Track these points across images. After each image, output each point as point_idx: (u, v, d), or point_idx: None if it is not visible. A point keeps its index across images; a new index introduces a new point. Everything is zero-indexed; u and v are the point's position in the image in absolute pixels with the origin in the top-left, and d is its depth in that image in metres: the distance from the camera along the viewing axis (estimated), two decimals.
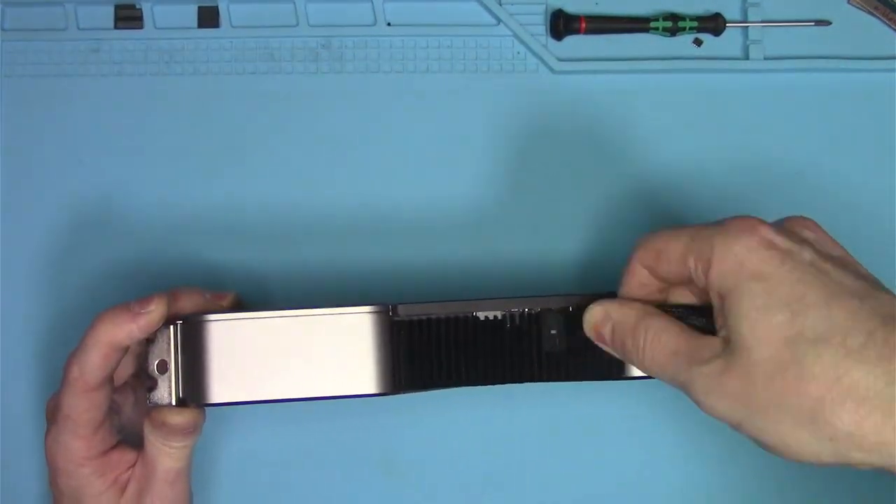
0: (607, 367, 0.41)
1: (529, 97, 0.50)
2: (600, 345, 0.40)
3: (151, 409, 0.41)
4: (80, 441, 0.40)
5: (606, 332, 0.39)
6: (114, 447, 0.42)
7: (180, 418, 0.40)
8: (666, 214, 0.49)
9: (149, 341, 0.41)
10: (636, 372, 0.40)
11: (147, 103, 0.50)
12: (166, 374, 0.40)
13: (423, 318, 0.40)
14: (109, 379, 0.41)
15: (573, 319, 0.40)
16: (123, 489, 0.42)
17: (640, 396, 0.48)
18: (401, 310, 0.40)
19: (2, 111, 0.50)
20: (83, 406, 0.40)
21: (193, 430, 0.41)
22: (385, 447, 0.48)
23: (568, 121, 0.50)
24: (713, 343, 0.35)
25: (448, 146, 0.50)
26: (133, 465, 0.42)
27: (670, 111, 0.50)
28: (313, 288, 0.49)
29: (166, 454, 0.41)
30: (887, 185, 0.50)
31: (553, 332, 0.41)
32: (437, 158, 0.50)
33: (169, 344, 0.40)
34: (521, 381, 0.41)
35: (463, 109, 0.50)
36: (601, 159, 0.50)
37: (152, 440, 0.41)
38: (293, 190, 0.50)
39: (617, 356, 0.39)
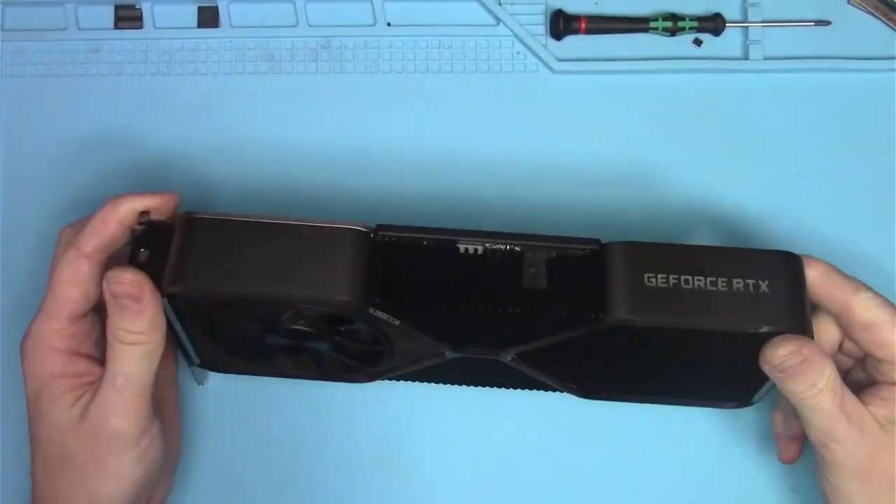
0: (586, 310, 0.38)
1: (529, 97, 0.51)
2: (771, 372, 0.39)
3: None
4: (53, 324, 0.39)
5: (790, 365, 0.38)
6: (86, 355, 0.40)
7: (129, 275, 0.38)
8: (666, 214, 0.49)
9: (135, 238, 0.40)
10: (619, 314, 0.38)
11: (147, 103, 0.50)
12: (144, 261, 0.39)
13: (403, 240, 0.39)
14: (103, 265, 0.39)
15: (555, 262, 0.39)
16: (78, 399, 0.39)
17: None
18: (382, 231, 0.39)
19: (2, 111, 0.50)
20: (66, 276, 0.39)
21: (144, 301, 0.38)
22: (383, 445, 0.48)
23: (568, 121, 0.50)
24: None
25: (448, 146, 0.50)
26: (95, 381, 0.40)
27: (670, 111, 0.50)
28: None
29: (118, 351, 0.39)
30: (887, 185, 0.50)
31: (532, 270, 0.39)
32: (437, 158, 0.50)
33: (158, 238, 0.39)
34: (498, 317, 0.39)
35: (463, 109, 0.50)
36: (601, 159, 0.50)
37: (110, 335, 0.39)
38: (293, 189, 0.50)
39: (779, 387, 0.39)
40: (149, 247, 0.39)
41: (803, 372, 0.38)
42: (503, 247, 0.39)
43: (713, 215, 0.49)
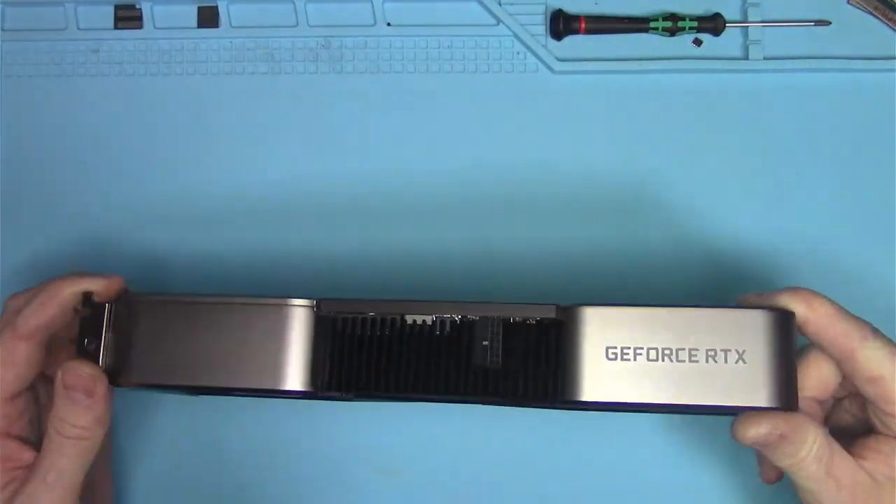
0: (542, 391, 0.36)
1: (529, 97, 0.50)
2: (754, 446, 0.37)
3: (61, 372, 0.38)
4: None
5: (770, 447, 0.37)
6: (17, 436, 0.39)
7: (88, 369, 0.38)
8: (665, 214, 0.49)
9: (82, 323, 0.39)
10: (578, 397, 0.36)
11: (147, 103, 0.50)
12: (93, 349, 0.39)
13: (348, 315, 0.38)
14: (41, 345, 0.39)
15: (508, 332, 0.37)
16: (3, 488, 0.38)
17: None
18: (324, 306, 0.38)
19: (2, 111, 0.50)
20: (1, 358, 0.38)
21: (96, 397, 0.38)
22: (380, 449, 0.48)
23: (567, 121, 0.50)
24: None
25: (448, 146, 0.50)
26: (25, 467, 0.39)
27: (670, 111, 0.50)
28: (314, 287, 0.49)
29: (57, 444, 0.38)
30: (887, 186, 0.50)
31: (485, 343, 0.37)
32: (436, 158, 0.50)
33: (101, 321, 0.39)
34: (448, 397, 0.37)
35: (463, 109, 0.50)
36: (601, 159, 0.50)
37: (50, 426, 0.38)
38: (293, 190, 0.50)
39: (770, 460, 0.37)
40: (93, 333, 0.39)
41: (782, 447, 0.36)
42: (453, 317, 0.38)
43: (713, 215, 0.49)
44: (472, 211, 0.49)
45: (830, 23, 0.51)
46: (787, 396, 0.35)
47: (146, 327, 0.39)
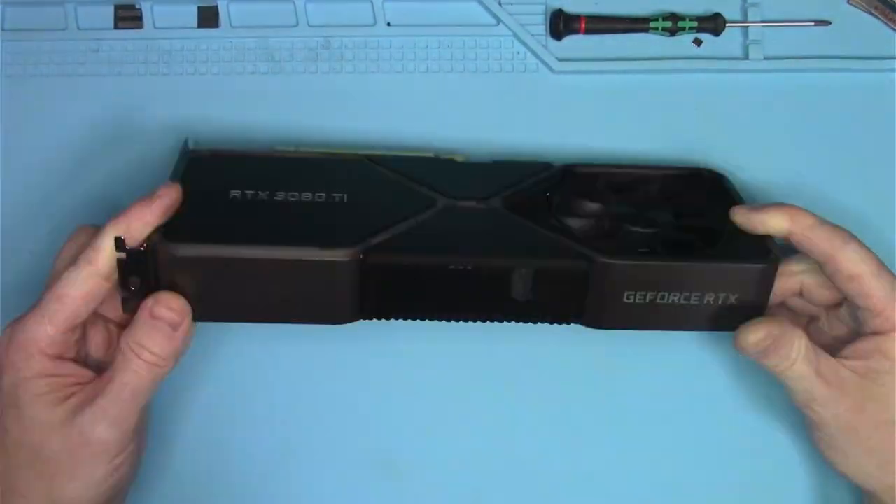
0: (565, 318, 0.43)
1: (529, 97, 0.50)
2: (746, 354, 0.43)
3: (142, 304, 0.40)
4: (49, 329, 0.39)
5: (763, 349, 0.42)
6: (72, 358, 0.40)
7: (178, 303, 0.40)
8: None
9: (126, 266, 0.39)
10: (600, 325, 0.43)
11: (147, 103, 0.50)
12: (144, 290, 0.40)
13: (393, 264, 0.41)
14: (107, 280, 0.39)
15: (541, 278, 0.41)
16: (63, 400, 0.39)
17: (642, 393, 0.49)
18: (371, 257, 0.40)
19: (2, 111, 0.50)
20: (81, 292, 0.39)
21: (179, 331, 0.40)
22: (383, 447, 0.48)
23: (568, 121, 0.50)
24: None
25: (448, 146, 0.50)
26: (81, 384, 0.40)
27: (670, 111, 0.50)
28: None
29: (136, 365, 0.39)
30: (887, 185, 0.50)
31: (520, 286, 0.41)
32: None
33: (147, 264, 0.40)
34: (488, 319, 0.43)
35: (463, 109, 0.50)
36: (601, 159, 0.50)
37: (126, 346, 0.39)
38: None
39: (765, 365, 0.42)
40: (137, 273, 0.40)
41: (775, 349, 0.41)
42: (494, 263, 0.42)
43: None
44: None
45: (830, 23, 0.51)
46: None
47: (195, 276, 0.40)
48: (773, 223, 0.42)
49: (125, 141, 0.50)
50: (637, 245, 0.43)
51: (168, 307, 0.40)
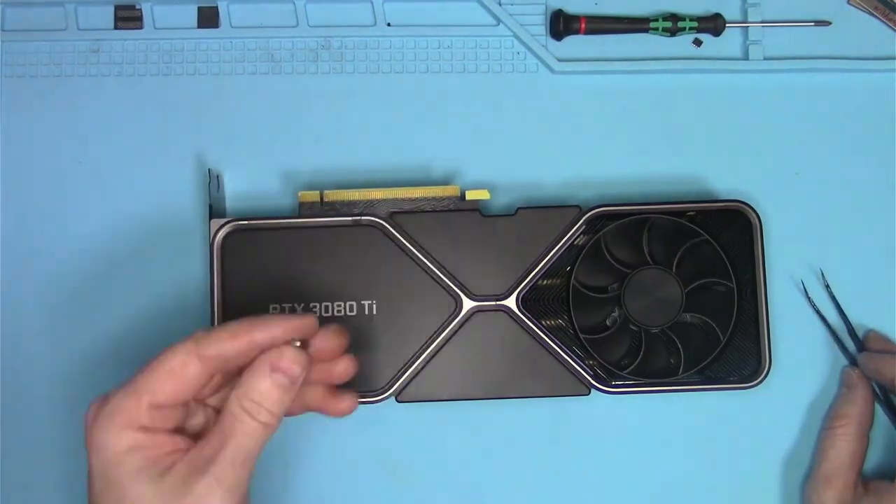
0: None
1: (529, 97, 0.50)
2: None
3: (260, 358, 0.38)
4: (140, 406, 0.37)
5: None
6: (161, 429, 0.38)
7: (302, 357, 0.38)
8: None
9: None
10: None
11: (147, 103, 0.50)
12: None
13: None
14: (211, 372, 0.38)
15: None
16: (166, 471, 0.37)
17: (635, 408, 0.48)
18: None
19: (2, 111, 0.50)
20: (171, 365, 0.37)
21: (296, 385, 0.38)
22: (388, 450, 0.48)
23: (568, 121, 0.50)
24: None
25: (448, 146, 0.50)
26: (179, 451, 0.38)
27: (670, 111, 0.50)
28: None
29: (251, 428, 0.37)
30: (887, 185, 0.50)
31: None
32: (437, 158, 0.50)
33: None
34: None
35: (463, 109, 0.50)
36: (600, 159, 0.50)
37: (239, 407, 0.37)
38: (293, 189, 0.50)
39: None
40: None
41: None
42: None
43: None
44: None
45: (830, 23, 0.51)
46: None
47: None
48: None
49: (125, 141, 0.50)
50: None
51: (297, 362, 0.38)
